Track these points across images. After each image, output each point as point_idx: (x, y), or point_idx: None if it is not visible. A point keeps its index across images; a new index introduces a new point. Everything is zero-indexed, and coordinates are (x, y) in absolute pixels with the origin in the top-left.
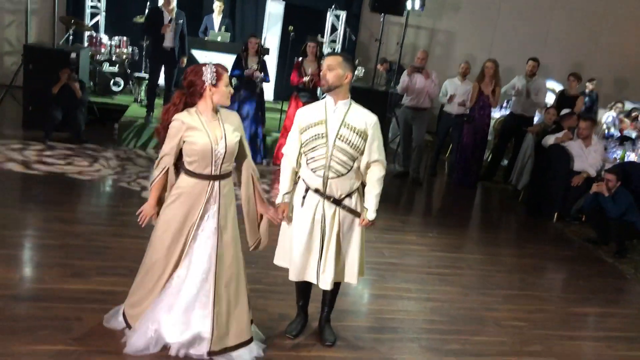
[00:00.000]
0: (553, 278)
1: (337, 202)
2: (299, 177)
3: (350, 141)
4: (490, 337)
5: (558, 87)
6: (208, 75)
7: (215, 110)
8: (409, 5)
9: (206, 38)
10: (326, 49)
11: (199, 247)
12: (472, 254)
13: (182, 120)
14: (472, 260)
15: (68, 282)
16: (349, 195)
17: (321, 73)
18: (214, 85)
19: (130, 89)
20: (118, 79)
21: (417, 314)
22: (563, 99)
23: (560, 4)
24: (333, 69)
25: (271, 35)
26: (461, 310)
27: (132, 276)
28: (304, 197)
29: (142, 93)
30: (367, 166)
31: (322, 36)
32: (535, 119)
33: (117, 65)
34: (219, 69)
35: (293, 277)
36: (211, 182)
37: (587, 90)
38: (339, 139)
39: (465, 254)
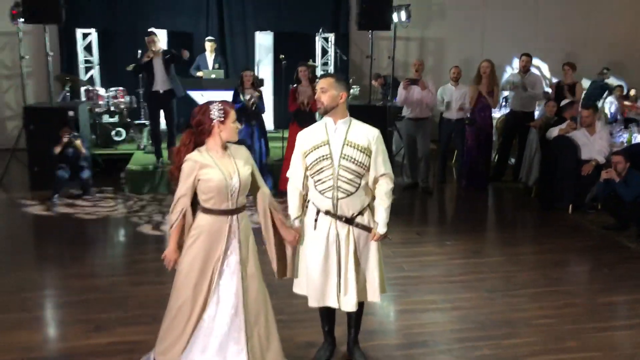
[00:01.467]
0: (577, 270)
1: (350, 220)
2: (308, 201)
3: (355, 159)
4: (522, 339)
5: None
6: (215, 113)
7: (225, 147)
8: (395, 18)
9: (199, 74)
10: (319, 72)
11: (225, 283)
12: (492, 257)
13: (195, 160)
14: (493, 263)
15: (92, 337)
16: (361, 212)
17: (315, 97)
18: (222, 123)
19: (132, 137)
20: (119, 129)
21: (445, 325)
22: (560, 89)
23: None
24: (326, 90)
25: (264, 66)
26: (489, 315)
27: (155, 324)
28: (315, 220)
29: (145, 140)
30: (375, 181)
31: (314, 60)
32: (536, 114)
33: (117, 116)
34: (226, 106)
35: (313, 303)
36: (230, 217)
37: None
38: (344, 158)
39: (485, 257)
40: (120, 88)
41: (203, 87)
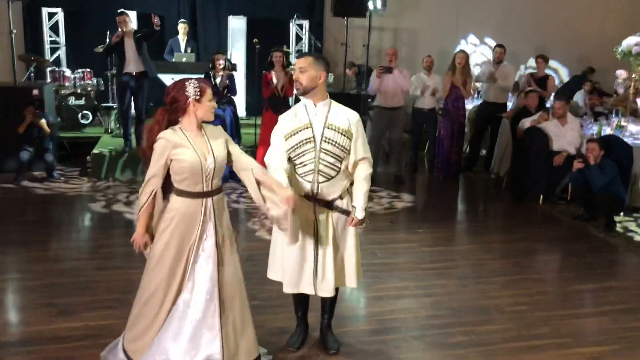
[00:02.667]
0: (547, 259)
1: (329, 204)
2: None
3: (336, 142)
4: (495, 325)
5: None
6: (191, 90)
7: (199, 126)
8: (370, 6)
9: (173, 60)
10: (293, 59)
11: (200, 268)
12: (464, 245)
13: (167, 139)
14: (465, 251)
15: (55, 322)
16: (340, 196)
17: (293, 77)
18: (198, 101)
19: (99, 120)
20: (86, 112)
21: (419, 311)
22: (534, 81)
23: None
24: (305, 70)
25: (236, 51)
26: (462, 301)
27: (122, 308)
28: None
29: (112, 123)
30: (354, 165)
31: (288, 47)
32: (509, 105)
33: (84, 98)
34: (202, 83)
35: (288, 289)
36: (204, 199)
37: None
38: (325, 141)
39: (457, 245)
40: (88, 70)
41: (174, 70)
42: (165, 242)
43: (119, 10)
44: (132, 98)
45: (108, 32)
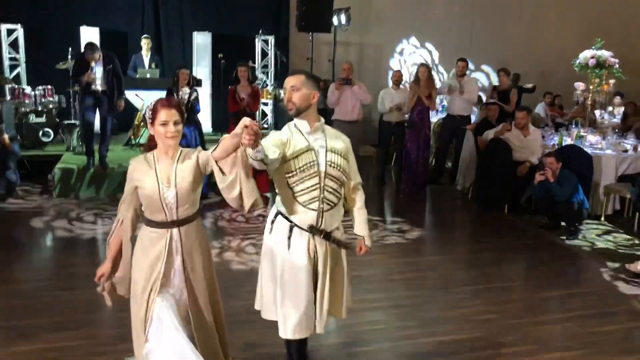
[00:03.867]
0: (514, 268)
1: (327, 236)
2: (275, 217)
3: (340, 166)
4: (464, 335)
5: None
6: (147, 112)
7: (172, 152)
8: (335, 21)
9: (136, 76)
10: (259, 74)
11: (164, 313)
12: (432, 256)
13: (134, 164)
14: (433, 262)
15: (15, 344)
16: (337, 227)
17: (284, 96)
18: (152, 124)
19: (61, 138)
20: (47, 130)
21: (388, 323)
22: (497, 94)
23: (479, 8)
24: (298, 89)
25: (201, 67)
26: (431, 312)
27: (83, 329)
28: (289, 239)
29: (75, 141)
30: (353, 190)
31: (254, 62)
32: (473, 118)
33: (45, 116)
34: (157, 104)
35: (297, 334)
36: (169, 230)
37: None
38: (330, 165)
39: (425, 256)
40: (49, 87)
41: (138, 86)
42: (134, 277)
43: (88, 43)
44: (98, 117)
45: (70, 49)
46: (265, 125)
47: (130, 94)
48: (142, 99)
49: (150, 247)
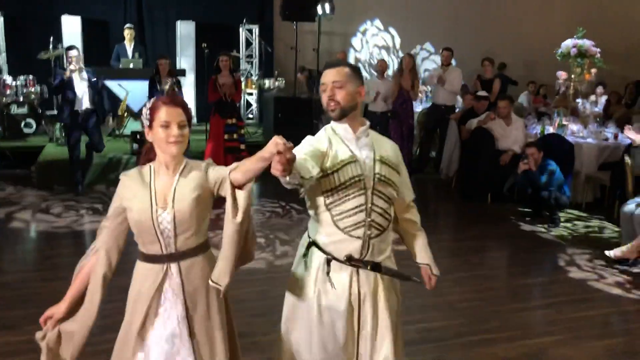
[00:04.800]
0: (496, 256)
1: (377, 267)
2: (307, 250)
3: (390, 180)
4: (447, 321)
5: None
6: (144, 114)
7: (173, 164)
8: (319, 10)
9: (120, 66)
10: (243, 64)
11: None
12: None
13: (125, 179)
14: None
15: (0, 335)
16: (389, 255)
17: (324, 96)
18: (150, 127)
19: (43, 128)
20: (29, 120)
21: None
22: (481, 83)
23: None
24: (342, 85)
25: (185, 57)
26: (415, 299)
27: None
28: (328, 273)
29: (57, 132)
30: (405, 210)
31: (238, 51)
32: (457, 108)
33: (27, 106)
34: (157, 101)
35: None
36: (165, 265)
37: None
38: (380, 180)
39: None
40: (30, 77)
41: (121, 76)
42: (126, 321)
43: (69, 46)
44: (86, 139)
45: (51, 38)
46: (250, 116)
47: (113, 84)
48: (125, 89)
49: (144, 287)
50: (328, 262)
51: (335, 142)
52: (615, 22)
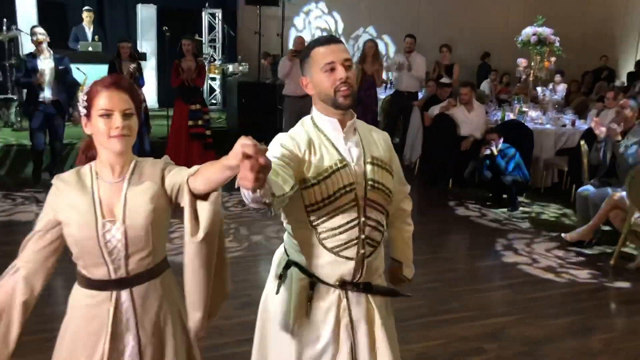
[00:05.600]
0: (457, 239)
1: (368, 287)
2: (283, 271)
3: (384, 185)
4: (408, 303)
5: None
6: (81, 101)
7: (122, 164)
8: None
9: (79, 49)
10: (206, 49)
11: None
12: None
13: (59, 183)
14: None
15: None
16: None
17: (331, 77)
18: (87, 117)
19: None
20: None
21: None
22: (440, 69)
23: None
24: (351, 65)
25: (146, 41)
26: None
27: None
28: (309, 301)
29: (12, 116)
30: (398, 202)
31: (200, 36)
32: (420, 95)
33: None
34: (94, 85)
35: None
36: (114, 293)
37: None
38: (373, 187)
39: None
40: None
41: (80, 60)
42: (62, 355)
43: (35, 26)
44: (48, 131)
45: (4, 20)
46: (214, 101)
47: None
48: (84, 74)
49: (85, 320)
50: (311, 285)
51: (319, 142)
52: (572, 12)
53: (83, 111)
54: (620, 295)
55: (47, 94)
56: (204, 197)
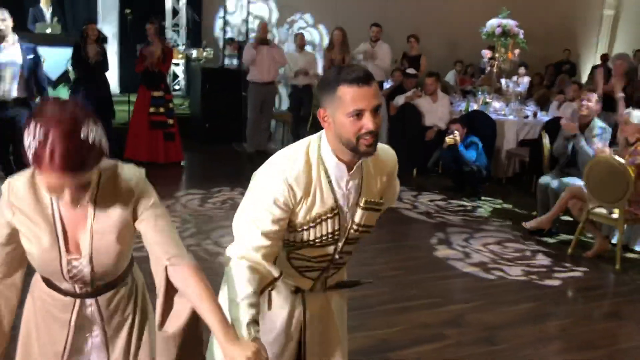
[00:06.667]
0: (418, 227)
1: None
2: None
3: (368, 227)
4: (370, 290)
5: None
6: (27, 148)
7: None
8: None
9: (36, 31)
10: (170, 33)
11: None
12: None
13: (13, 201)
14: None
15: None
16: None
17: (357, 125)
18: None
19: None
20: None
21: None
22: (407, 60)
23: None
24: (380, 109)
25: (108, 24)
26: None
27: None
28: (269, 292)
29: None
30: None
31: (164, 20)
32: (386, 85)
33: None
34: (41, 153)
35: None
36: (77, 301)
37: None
38: (355, 230)
39: None
40: None
41: (38, 42)
42: (21, 343)
43: None
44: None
45: None
46: (177, 87)
47: None
48: (43, 57)
49: (47, 313)
50: (271, 282)
51: (317, 182)
52: (536, 5)
53: (30, 159)
54: (577, 283)
55: (10, 92)
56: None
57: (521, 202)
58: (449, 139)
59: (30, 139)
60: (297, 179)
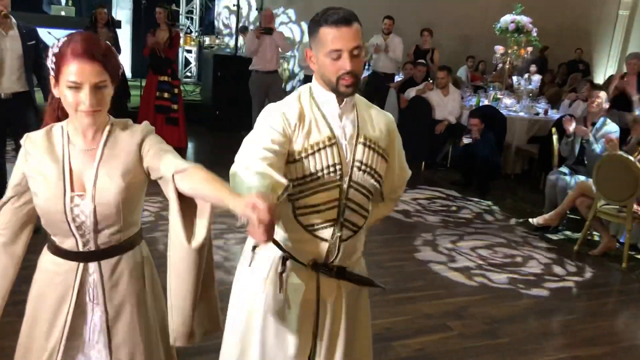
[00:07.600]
0: (426, 219)
1: (342, 272)
2: (254, 249)
3: (373, 169)
4: (377, 280)
5: None
6: (49, 57)
7: (95, 129)
8: None
9: (51, 13)
10: (183, 20)
11: None
12: None
13: (29, 147)
14: None
15: None
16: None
17: (335, 65)
18: (56, 78)
19: None
20: None
21: None
22: (419, 53)
23: None
24: (360, 52)
25: (121, 9)
26: None
27: None
28: (281, 274)
29: None
30: (392, 191)
31: (178, 6)
32: (397, 77)
33: None
34: (65, 47)
35: None
36: (80, 265)
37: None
38: (359, 168)
39: None
40: None
41: (50, 24)
42: (24, 333)
43: None
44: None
45: None
46: (189, 74)
47: (42, 32)
48: (56, 38)
49: (51, 285)
50: (284, 260)
51: (311, 114)
52: (550, 4)
53: (51, 70)
54: (582, 280)
55: (6, 84)
56: (193, 201)
57: (529, 198)
58: (466, 139)
59: (52, 52)
60: (289, 108)
